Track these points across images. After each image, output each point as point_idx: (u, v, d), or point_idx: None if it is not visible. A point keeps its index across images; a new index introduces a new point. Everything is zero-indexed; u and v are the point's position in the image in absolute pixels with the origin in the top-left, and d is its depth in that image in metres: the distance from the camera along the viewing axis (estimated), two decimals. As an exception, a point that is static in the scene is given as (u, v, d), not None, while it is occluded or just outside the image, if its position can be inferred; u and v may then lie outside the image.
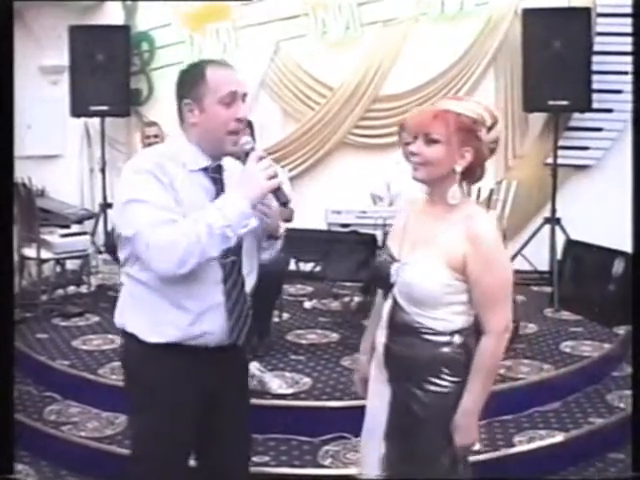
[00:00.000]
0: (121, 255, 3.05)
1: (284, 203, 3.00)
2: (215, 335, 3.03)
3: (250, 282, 3.22)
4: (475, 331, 2.98)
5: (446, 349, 2.93)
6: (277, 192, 2.94)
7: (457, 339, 2.93)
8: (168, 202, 2.84)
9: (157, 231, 2.78)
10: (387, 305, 3.03)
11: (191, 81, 2.99)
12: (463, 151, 2.87)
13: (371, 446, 3.13)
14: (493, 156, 2.98)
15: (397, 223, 3.17)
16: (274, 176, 2.89)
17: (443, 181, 2.92)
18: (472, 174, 2.96)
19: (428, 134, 2.88)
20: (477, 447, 2.99)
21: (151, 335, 2.98)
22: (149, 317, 2.99)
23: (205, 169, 3.00)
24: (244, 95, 3.03)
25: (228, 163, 3.10)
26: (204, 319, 2.99)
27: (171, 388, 3.01)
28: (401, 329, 2.97)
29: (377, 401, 3.11)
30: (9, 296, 3.36)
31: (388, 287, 3.01)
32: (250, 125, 5.95)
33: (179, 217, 2.83)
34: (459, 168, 2.89)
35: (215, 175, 3.02)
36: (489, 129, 2.90)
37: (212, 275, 2.97)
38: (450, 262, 2.86)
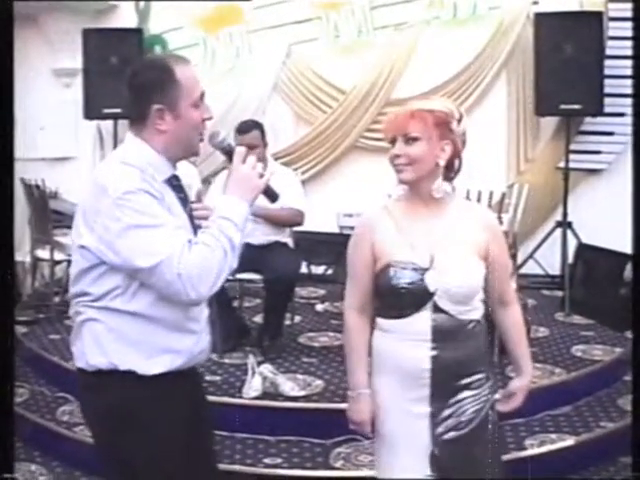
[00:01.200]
0: (95, 288, 2.69)
1: (274, 199, 2.94)
2: (206, 351, 2.93)
3: None
4: None
5: (482, 336, 3.04)
6: (267, 189, 2.86)
7: (484, 324, 3.05)
8: (172, 219, 2.65)
9: (185, 258, 2.56)
10: (423, 317, 2.93)
11: (160, 83, 2.72)
12: (443, 144, 2.91)
13: (409, 464, 3.00)
14: (464, 149, 3.00)
15: (381, 236, 3.00)
16: (263, 173, 2.81)
17: (428, 178, 2.94)
18: (452, 167, 2.99)
19: (407, 134, 2.90)
20: None
21: (153, 366, 2.72)
22: (147, 348, 2.72)
23: (169, 179, 2.78)
24: (205, 93, 2.83)
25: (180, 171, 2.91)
26: (202, 337, 2.87)
27: (173, 417, 2.78)
28: (449, 333, 2.94)
29: (409, 423, 2.99)
30: (9, 298, 3.32)
31: (427, 298, 2.93)
32: (261, 127, 5.98)
33: (189, 235, 2.67)
34: (442, 162, 2.92)
35: (176, 183, 2.83)
36: (458, 121, 2.94)
37: None
38: (479, 252, 2.97)
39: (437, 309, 2.92)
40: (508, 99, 7.89)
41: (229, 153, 2.86)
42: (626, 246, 6.19)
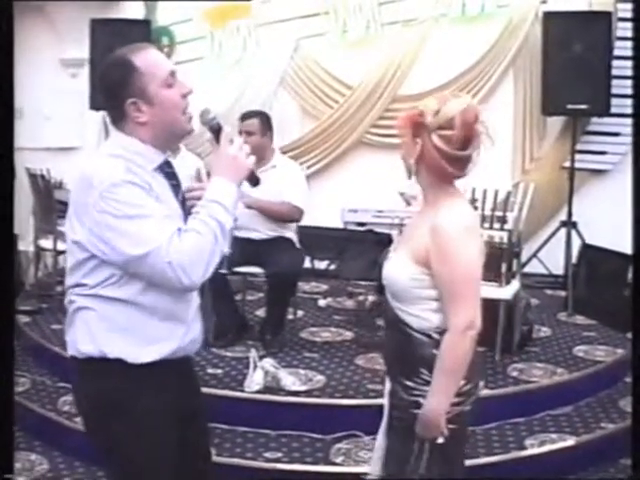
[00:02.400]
0: (88, 280, 2.70)
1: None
2: (197, 341, 2.91)
3: None
4: None
5: (425, 349, 2.92)
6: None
7: (436, 338, 2.91)
8: (160, 208, 2.64)
9: (175, 245, 2.56)
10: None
11: (123, 78, 2.71)
12: (414, 142, 2.92)
13: (379, 438, 3.19)
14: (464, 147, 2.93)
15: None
16: (249, 153, 2.78)
17: (419, 177, 3.00)
18: (434, 167, 2.91)
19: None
20: (440, 440, 2.89)
21: (143, 355, 2.72)
22: (137, 336, 2.72)
23: (160, 166, 2.78)
24: (175, 71, 2.80)
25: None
26: (193, 326, 2.86)
27: (163, 407, 2.78)
28: (389, 324, 3.07)
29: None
30: (10, 288, 3.32)
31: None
32: (263, 116, 5.99)
33: (179, 223, 2.67)
34: (411, 160, 2.94)
35: (168, 170, 2.83)
36: (436, 113, 2.88)
37: None
38: (415, 255, 2.90)
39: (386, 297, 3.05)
40: (515, 98, 7.87)
41: (217, 132, 2.83)
42: (630, 247, 6.21)
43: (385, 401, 3.15)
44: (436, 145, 2.87)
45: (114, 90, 2.73)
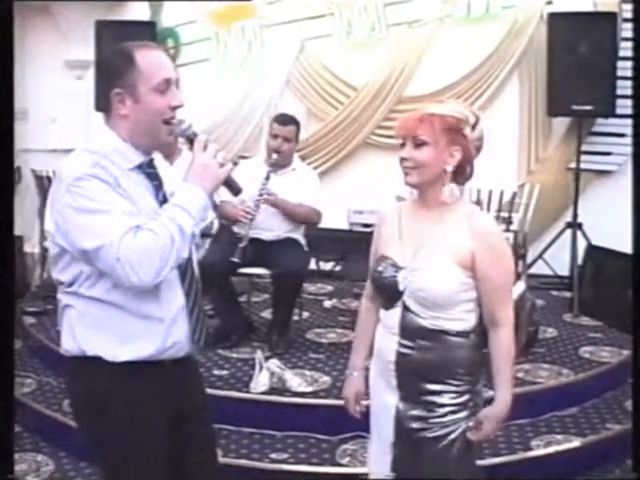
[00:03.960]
0: (65, 275, 2.74)
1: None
2: (182, 344, 2.84)
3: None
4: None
5: (463, 350, 2.97)
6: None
7: (472, 338, 2.99)
8: (122, 204, 2.62)
9: (126, 242, 2.54)
10: (396, 313, 3.02)
11: (119, 68, 2.71)
12: (452, 150, 2.90)
13: (379, 453, 3.16)
14: (479, 154, 2.98)
15: (386, 231, 3.14)
16: (224, 163, 2.75)
17: (435, 183, 2.96)
18: (462, 173, 2.99)
19: (416, 137, 2.91)
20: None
21: (120, 354, 2.73)
22: (114, 335, 2.73)
23: (139, 166, 2.77)
24: (177, 81, 2.79)
25: (158, 158, 2.95)
26: (173, 327, 2.80)
27: (145, 408, 2.79)
28: (415, 334, 2.98)
29: (382, 408, 3.12)
30: (11, 289, 3.31)
31: (397, 295, 3.01)
32: (298, 125, 6.00)
33: (139, 220, 2.62)
34: (450, 168, 2.91)
35: (150, 170, 2.83)
36: (473, 127, 2.92)
37: (172, 277, 2.77)
38: (460, 261, 2.90)
39: (406, 308, 2.99)
40: (520, 99, 7.88)
41: (190, 140, 2.80)
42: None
43: (384, 413, 3.10)
44: (473, 154, 2.95)
45: (107, 77, 2.76)
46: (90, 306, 2.72)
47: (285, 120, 5.98)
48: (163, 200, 2.80)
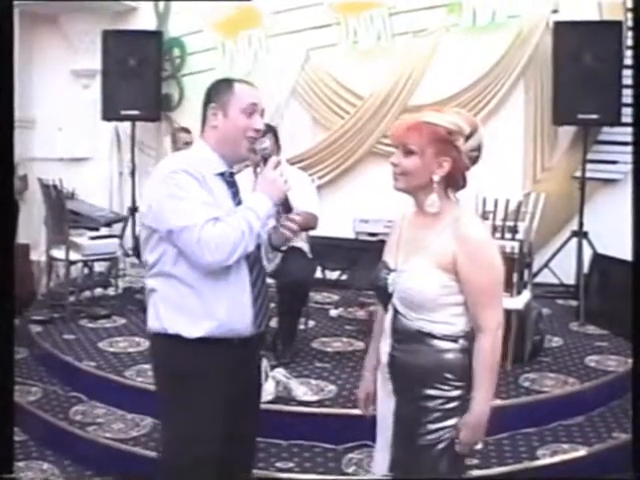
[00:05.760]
0: (152, 255, 3.25)
1: (289, 210, 3.38)
2: (247, 325, 3.28)
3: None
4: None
5: (450, 354, 2.97)
6: (286, 199, 3.35)
7: (461, 343, 2.98)
8: (207, 198, 3.13)
9: (207, 226, 3.06)
10: (388, 315, 3.07)
11: (219, 89, 3.31)
12: (441, 160, 2.92)
13: (380, 455, 3.18)
14: (476, 164, 2.99)
15: (391, 237, 3.21)
16: (287, 181, 3.32)
17: (425, 190, 2.98)
18: (454, 182, 3.00)
19: (405, 145, 2.95)
20: (479, 446, 3.08)
21: (195, 331, 3.18)
22: (190, 314, 3.19)
23: (222, 174, 3.30)
24: (262, 110, 3.35)
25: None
26: (240, 310, 3.25)
27: (215, 382, 3.22)
28: (404, 337, 3.02)
29: (383, 411, 3.16)
30: (9, 297, 3.38)
31: (387, 297, 3.06)
32: (274, 132, 5.99)
33: (219, 213, 3.12)
34: (436, 177, 2.93)
35: (230, 179, 3.35)
36: (467, 138, 2.92)
37: (241, 267, 3.25)
38: (441, 264, 2.92)
39: (395, 310, 3.03)
40: (526, 107, 7.89)
41: (265, 159, 3.36)
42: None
43: (386, 415, 3.12)
44: (466, 165, 2.96)
45: (209, 95, 3.33)
46: (171, 288, 3.21)
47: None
48: (238, 204, 3.30)
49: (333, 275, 7.56)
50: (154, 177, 3.24)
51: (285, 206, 3.36)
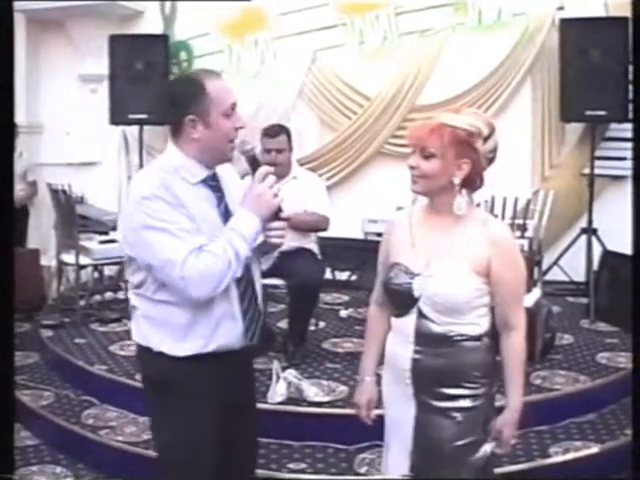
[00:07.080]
0: (134, 278, 3.09)
1: (284, 218, 3.13)
2: (237, 339, 3.13)
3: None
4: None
5: (477, 353, 3.00)
6: (278, 210, 3.09)
7: (485, 341, 3.01)
8: (186, 224, 2.92)
9: (189, 260, 2.87)
10: (411, 320, 3.02)
11: (192, 96, 2.99)
12: (460, 163, 2.89)
13: (396, 460, 3.15)
14: (492, 164, 2.98)
15: (400, 237, 3.12)
16: (278, 194, 3.05)
17: (444, 192, 2.96)
18: (472, 184, 2.99)
19: (424, 148, 2.91)
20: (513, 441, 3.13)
21: (181, 349, 3.04)
22: (175, 333, 3.04)
23: (204, 180, 3.08)
24: (236, 103, 3.10)
25: (220, 170, 3.19)
26: (228, 326, 3.09)
27: (202, 396, 3.09)
28: (429, 340, 2.99)
29: (398, 417, 3.12)
30: (9, 301, 3.36)
31: (411, 302, 3.01)
32: (288, 132, 5.99)
33: (201, 239, 2.92)
34: (457, 180, 2.91)
35: (213, 183, 3.12)
36: (486, 139, 2.91)
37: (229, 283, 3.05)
38: (475, 267, 2.92)
39: (421, 314, 2.99)
40: (533, 105, 7.88)
41: (253, 163, 3.12)
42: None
43: (401, 421, 3.10)
44: (484, 166, 2.95)
45: (179, 104, 3.02)
46: (154, 307, 3.05)
47: (273, 132, 5.95)
48: (225, 210, 3.11)
49: (343, 276, 7.57)
50: (128, 201, 3.03)
51: (279, 217, 3.12)
